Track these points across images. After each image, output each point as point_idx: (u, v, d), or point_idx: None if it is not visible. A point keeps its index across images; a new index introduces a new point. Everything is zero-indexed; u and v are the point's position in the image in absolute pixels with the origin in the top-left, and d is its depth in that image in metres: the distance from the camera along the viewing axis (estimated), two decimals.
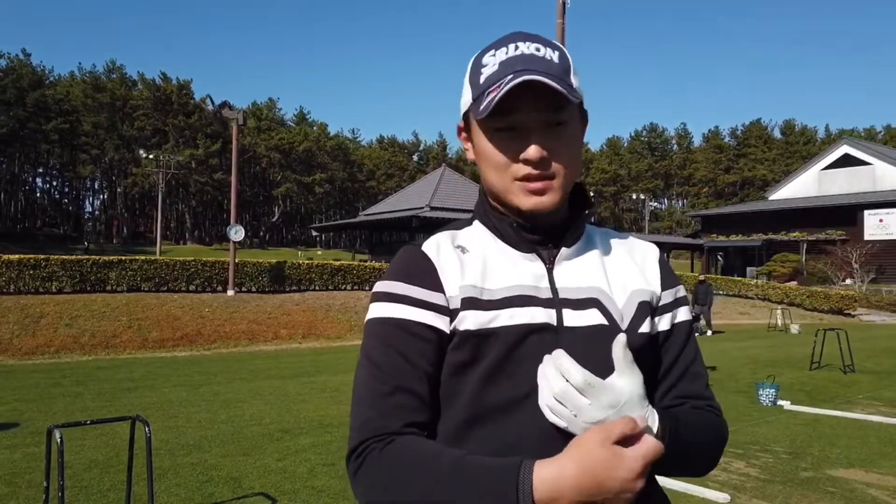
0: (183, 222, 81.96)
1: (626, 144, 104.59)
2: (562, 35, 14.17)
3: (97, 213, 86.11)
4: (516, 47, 0.98)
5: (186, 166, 71.18)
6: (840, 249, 36.14)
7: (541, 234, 1.04)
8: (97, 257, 18.68)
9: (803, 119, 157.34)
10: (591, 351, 0.96)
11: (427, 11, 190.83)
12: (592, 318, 1.00)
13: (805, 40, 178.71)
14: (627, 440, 0.83)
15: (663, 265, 1.13)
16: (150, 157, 60.22)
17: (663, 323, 1.08)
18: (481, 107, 0.95)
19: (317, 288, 21.33)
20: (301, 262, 22.36)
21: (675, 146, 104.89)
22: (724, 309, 27.73)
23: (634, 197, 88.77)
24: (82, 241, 59.20)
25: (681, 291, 1.12)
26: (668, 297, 1.10)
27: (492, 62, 0.98)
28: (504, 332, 0.96)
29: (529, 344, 0.96)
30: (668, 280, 1.11)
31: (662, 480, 1.07)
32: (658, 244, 1.43)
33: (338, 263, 22.79)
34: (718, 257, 45.21)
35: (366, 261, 30.47)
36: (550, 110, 0.96)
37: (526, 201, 0.99)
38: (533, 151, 0.96)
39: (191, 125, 76.05)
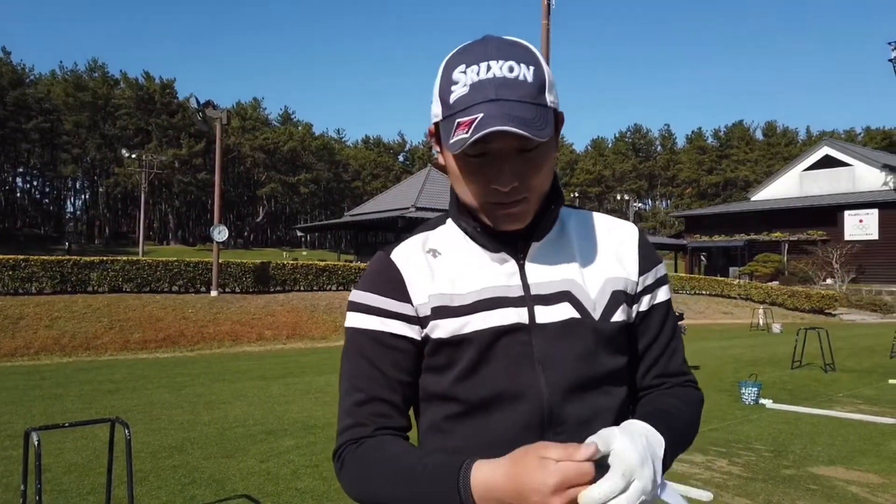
0: (166, 223, 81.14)
1: (610, 145, 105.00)
2: (546, 36, 14.22)
3: (79, 213, 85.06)
4: (488, 67, 0.91)
5: (170, 166, 70.38)
6: (821, 249, 36.67)
7: (511, 232, 1.03)
8: (78, 258, 18.46)
9: (785, 120, 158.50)
10: (563, 345, 0.99)
11: (413, 12, 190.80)
12: (564, 312, 1.01)
13: (787, 42, 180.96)
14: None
15: (643, 248, 1.11)
16: (133, 156, 59.40)
17: (642, 305, 1.09)
18: (451, 141, 0.91)
19: (301, 288, 21.25)
20: (286, 262, 22.27)
21: (659, 147, 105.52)
22: (708, 309, 28.01)
23: (619, 197, 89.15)
24: (63, 241, 58.32)
25: (661, 270, 1.12)
26: (646, 280, 1.10)
27: (462, 80, 0.92)
28: (476, 336, 0.99)
29: (501, 345, 0.99)
30: (647, 263, 1.10)
31: None
32: None
33: (323, 264, 22.72)
34: (702, 257, 45.59)
35: (351, 261, 30.41)
36: (522, 140, 0.91)
37: (499, 223, 0.99)
38: (505, 182, 0.93)
39: (174, 125, 75.28)
